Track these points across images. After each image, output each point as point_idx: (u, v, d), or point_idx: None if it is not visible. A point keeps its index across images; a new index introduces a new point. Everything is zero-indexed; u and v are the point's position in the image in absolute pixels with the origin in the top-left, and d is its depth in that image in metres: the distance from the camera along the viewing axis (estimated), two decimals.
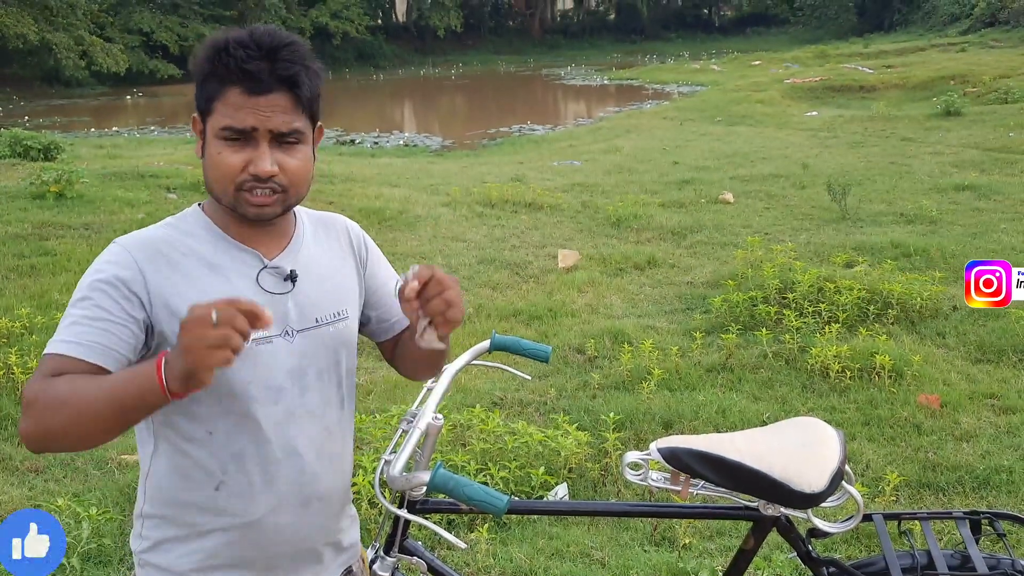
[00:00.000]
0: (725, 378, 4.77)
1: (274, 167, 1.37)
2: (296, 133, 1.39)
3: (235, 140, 1.36)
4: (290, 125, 1.38)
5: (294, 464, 1.47)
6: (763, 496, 1.68)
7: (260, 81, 1.34)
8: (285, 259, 1.49)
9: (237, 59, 1.34)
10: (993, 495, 3.52)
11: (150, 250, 1.40)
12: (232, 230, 1.46)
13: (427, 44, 50.29)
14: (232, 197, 1.39)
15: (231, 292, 1.40)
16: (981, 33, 33.66)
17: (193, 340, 1.13)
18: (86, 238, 7.39)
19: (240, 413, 1.42)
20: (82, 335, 1.31)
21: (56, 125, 22.23)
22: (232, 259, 1.45)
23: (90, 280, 1.37)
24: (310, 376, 1.49)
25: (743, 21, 63.36)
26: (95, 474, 3.83)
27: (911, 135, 14.17)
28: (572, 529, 3.37)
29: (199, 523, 1.45)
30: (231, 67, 1.34)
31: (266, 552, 1.48)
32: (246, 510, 1.45)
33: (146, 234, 1.44)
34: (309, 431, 1.49)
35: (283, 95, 1.36)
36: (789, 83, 23.15)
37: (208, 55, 1.37)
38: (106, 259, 1.39)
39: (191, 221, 1.47)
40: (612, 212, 8.92)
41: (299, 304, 1.48)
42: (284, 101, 1.36)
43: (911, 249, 7.00)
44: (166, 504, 1.46)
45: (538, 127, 20.83)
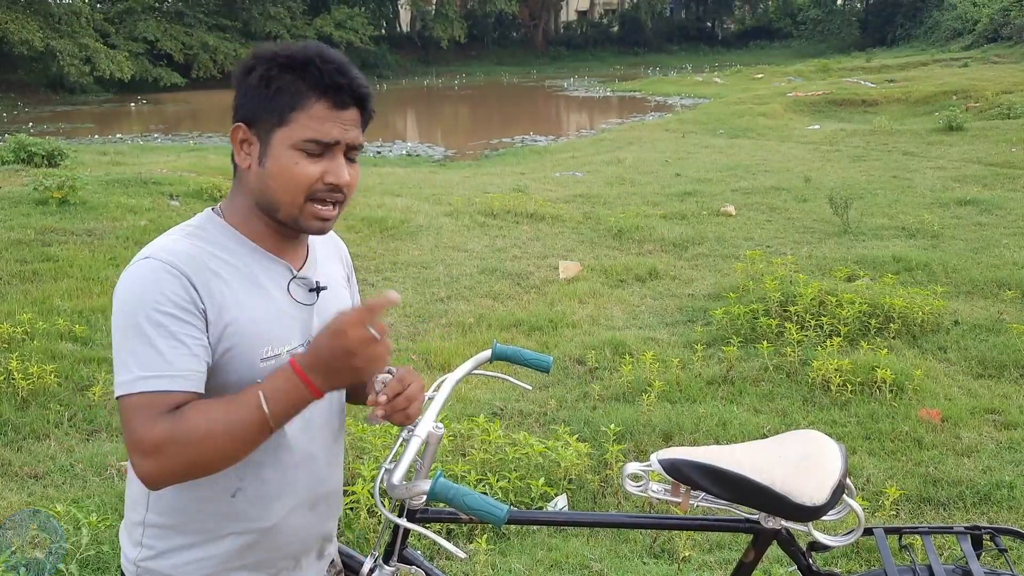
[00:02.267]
0: (726, 390, 4.77)
1: (348, 177, 1.42)
2: (361, 148, 1.47)
3: (315, 152, 1.40)
4: (359, 139, 1.45)
5: (310, 468, 1.51)
6: (764, 508, 1.67)
7: (345, 96, 1.40)
8: (309, 271, 1.52)
9: (328, 73, 1.38)
10: (994, 510, 3.51)
11: (194, 265, 1.36)
12: (266, 242, 1.46)
13: (431, 54, 50.40)
14: (299, 208, 1.41)
15: (269, 304, 1.43)
16: (983, 48, 33.76)
17: (358, 345, 1.27)
18: (88, 244, 7.40)
19: None
20: (176, 366, 1.30)
21: (60, 131, 22.27)
22: (266, 270, 1.45)
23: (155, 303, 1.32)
24: None
25: (746, 34, 63.55)
26: (94, 481, 3.83)
27: (913, 149, 14.19)
28: (571, 541, 3.36)
29: (212, 529, 1.44)
30: (321, 82, 1.38)
31: (277, 555, 1.50)
32: (262, 515, 1.46)
33: (181, 248, 1.39)
34: (322, 436, 1.53)
35: (356, 112, 1.43)
36: (791, 96, 23.19)
37: (286, 67, 1.39)
38: (156, 276, 1.34)
39: (216, 232, 1.44)
40: (614, 223, 8.94)
41: (320, 315, 1.50)
42: (357, 117, 1.44)
43: (913, 263, 7.01)
44: (175, 512, 1.44)
45: (540, 138, 20.86)
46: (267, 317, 1.41)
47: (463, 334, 5.85)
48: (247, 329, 1.38)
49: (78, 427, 4.36)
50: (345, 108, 1.40)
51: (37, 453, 4.07)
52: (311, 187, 1.39)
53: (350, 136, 1.41)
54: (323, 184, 1.40)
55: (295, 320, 1.46)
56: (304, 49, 1.41)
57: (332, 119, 1.39)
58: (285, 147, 1.39)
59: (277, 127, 1.39)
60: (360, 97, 1.42)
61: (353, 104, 1.41)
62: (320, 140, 1.38)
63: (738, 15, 68.58)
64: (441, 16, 50.06)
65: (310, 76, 1.38)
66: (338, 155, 1.41)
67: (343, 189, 1.42)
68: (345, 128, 1.40)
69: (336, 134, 1.39)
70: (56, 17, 33.16)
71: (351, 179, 1.43)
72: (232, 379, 1.38)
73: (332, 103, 1.39)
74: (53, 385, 4.63)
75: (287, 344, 1.43)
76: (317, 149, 1.39)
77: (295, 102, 1.38)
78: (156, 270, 1.34)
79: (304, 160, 1.39)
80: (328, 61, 1.40)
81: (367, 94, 1.43)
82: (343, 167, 1.41)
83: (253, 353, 1.39)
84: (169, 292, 1.32)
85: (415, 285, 6.98)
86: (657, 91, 32.26)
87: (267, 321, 1.41)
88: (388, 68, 46.67)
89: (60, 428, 4.32)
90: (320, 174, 1.39)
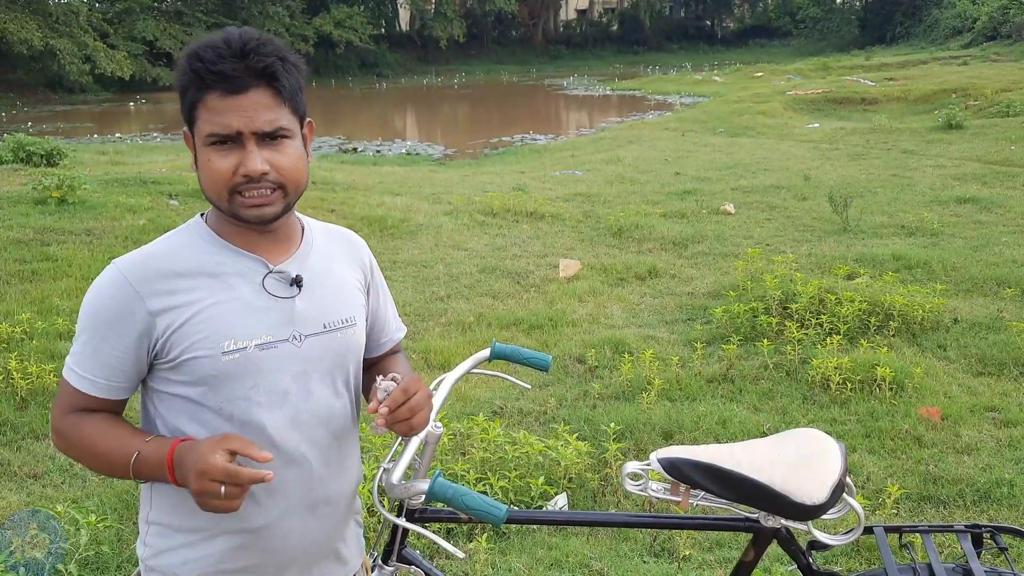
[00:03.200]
0: (726, 389, 4.76)
1: (264, 166, 1.35)
2: (282, 131, 1.37)
3: (223, 144, 1.35)
4: (274, 124, 1.36)
5: (302, 469, 1.48)
6: (764, 507, 1.67)
7: (236, 79, 1.32)
8: (292, 265, 1.49)
9: (207, 61, 1.32)
10: (994, 509, 3.50)
11: (146, 270, 1.40)
12: (236, 239, 1.46)
13: (430, 53, 50.39)
14: (228, 202, 1.38)
15: (233, 297, 1.41)
16: (983, 47, 33.74)
17: (207, 499, 1.29)
18: (88, 244, 7.39)
19: (243, 420, 1.42)
20: (95, 370, 1.42)
21: (59, 131, 22.26)
22: (235, 266, 1.44)
23: (92, 309, 1.42)
24: (315, 380, 1.49)
25: (745, 33, 63.60)
26: (93, 480, 3.82)
27: (912, 148, 14.18)
28: (571, 540, 3.35)
29: (205, 529, 1.45)
30: (203, 71, 1.32)
31: (274, 558, 1.48)
32: (253, 516, 1.45)
33: (142, 253, 1.44)
34: (315, 436, 1.49)
35: (262, 91, 1.34)
36: (791, 95, 23.19)
37: (183, 64, 1.36)
38: (103, 287, 1.42)
39: (192, 232, 1.47)
40: (613, 222, 8.93)
41: (307, 309, 1.48)
42: (264, 98, 1.34)
43: (912, 261, 7.00)
44: (173, 510, 1.45)
45: (540, 137, 20.86)
46: (229, 313, 1.40)
47: (463, 333, 5.84)
48: (207, 325, 1.38)
49: None
50: (241, 92, 1.32)
51: (36, 453, 4.07)
52: (228, 182, 1.35)
53: (257, 123, 1.33)
54: (240, 177, 1.35)
55: (267, 313, 1.43)
56: (199, 41, 1.36)
57: (228, 108, 1.32)
58: (201, 146, 1.37)
59: (192, 126, 1.38)
60: (262, 76, 1.33)
61: (254, 85, 1.32)
62: (218, 133, 1.33)
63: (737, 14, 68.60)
64: (440, 15, 50.06)
65: (195, 70, 1.33)
66: (248, 144, 1.34)
67: (267, 177, 1.36)
68: (247, 115, 1.32)
69: (235, 124, 1.32)
70: (55, 17, 33.12)
71: (276, 166, 1.36)
72: (198, 374, 1.39)
73: (222, 91, 1.31)
74: (52, 385, 4.62)
75: (254, 338, 1.41)
76: (220, 140, 1.34)
77: (194, 98, 1.35)
78: (109, 278, 1.41)
79: (216, 156, 1.35)
80: (213, 48, 1.32)
81: (264, 68, 1.32)
82: (253, 156, 1.33)
83: (215, 347, 1.39)
84: (109, 300, 1.40)
85: (415, 284, 6.98)
86: (657, 90, 32.25)
87: (230, 316, 1.40)
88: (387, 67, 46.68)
89: None
90: (233, 167, 1.35)
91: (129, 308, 1.38)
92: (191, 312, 1.38)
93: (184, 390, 1.41)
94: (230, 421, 1.42)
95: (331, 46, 44.50)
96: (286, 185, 1.39)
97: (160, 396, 1.45)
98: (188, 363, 1.39)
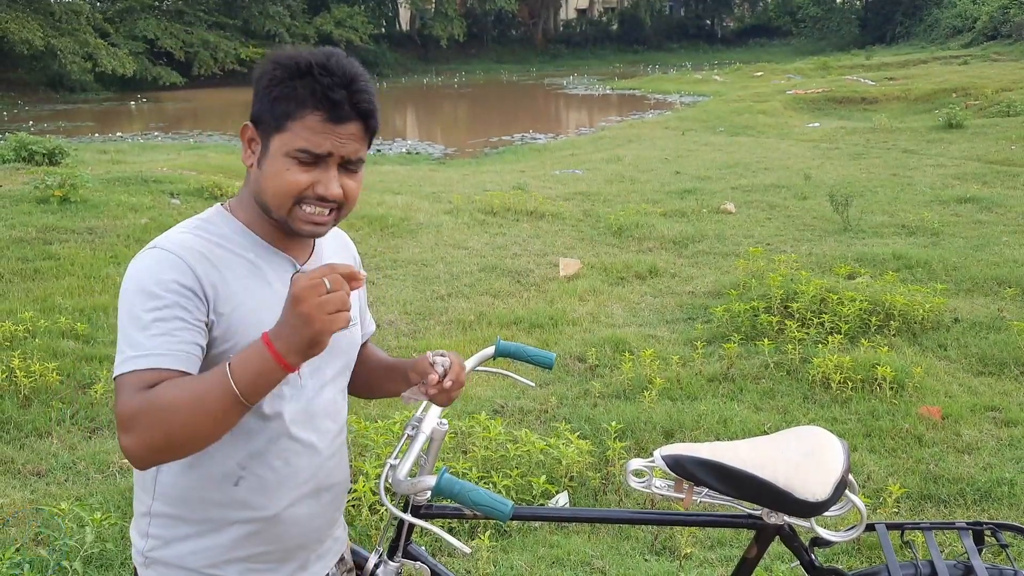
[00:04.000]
0: (726, 388, 4.77)
1: (340, 190, 1.42)
2: (361, 161, 1.45)
3: (306, 162, 1.40)
4: (358, 153, 1.43)
5: (312, 458, 1.52)
6: (767, 504, 1.68)
7: (342, 111, 1.38)
8: (313, 265, 1.54)
9: (323, 86, 1.37)
10: (995, 507, 3.52)
11: (196, 253, 1.40)
12: (268, 236, 1.49)
13: (430, 53, 50.36)
14: (287, 211, 1.42)
15: (271, 295, 1.44)
16: (983, 46, 33.72)
17: (313, 309, 1.19)
18: (90, 242, 7.40)
19: (265, 411, 1.45)
20: (163, 345, 1.31)
21: (60, 130, 22.25)
22: (268, 262, 1.48)
23: (154, 289, 1.34)
24: (328, 376, 1.55)
25: (745, 32, 63.55)
26: (96, 478, 3.84)
27: (913, 147, 14.19)
28: (573, 538, 3.37)
29: (216, 518, 1.46)
30: (316, 93, 1.37)
31: (282, 544, 1.52)
32: (266, 504, 1.47)
33: (184, 238, 1.42)
34: (325, 426, 1.54)
35: (358, 125, 1.41)
36: (791, 94, 23.20)
37: (285, 75, 1.39)
38: (159, 265, 1.37)
39: (223, 225, 1.47)
40: (613, 221, 8.94)
41: None
42: (358, 131, 1.41)
43: (913, 261, 7.01)
44: (180, 502, 1.46)
45: (540, 136, 20.87)
46: (268, 307, 1.42)
47: (463, 332, 5.85)
48: (246, 319, 1.40)
49: (80, 425, 4.37)
50: (342, 122, 1.38)
51: (40, 451, 4.08)
52: (299, 195, 1.40)
53: (346, 150, 1.40)
54: (312, 193, 1.40)
55: None
56: (310, 57, 1.40)
57: (326, 132, 1.38)
58: (280, 153, 1.40)
59: (275, 132, 1.40)
60: (361, 113, 1.40)
61: (353, 118, 1.40)
62: (311, 151, 1.38)
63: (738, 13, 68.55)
64: (441, 14, 50.03)
65: (307, 87, 1.38)
66: (331, 167, 1.40)
67: (335, 199, 1.42)
68: (341, 142, 1.39)
69: (328, 147, 1.38)
70: (57, 16, 33.13)
71: (346, 192, 1.43)
72: None
73: (327, 116, 1.37)
74: (55, 383, 4.64)
75: None
76: (309, 159, 1.39)
77: (291, 111, 1.38)
78: (158, 258, 1.37)
79: (295, 168, 1.39)
80: (329, 73, 1.38)
81: (368, 110, 1.41)
82: (334, 180, 1.40)
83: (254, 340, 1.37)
84: (168, 277, 1.35)
85: (415, 283, 6.99)
86: (657, 89, 32.24)
87: (268, 311, 1.41)
88: (388, 66, 46.62)
89: (62, 426, 4.33)
90: (309, 183, 1.40)
91: (193, 282, 1.36)
92: (236, 302, 1.40)
93: None
94: (254, 412, 1.43)
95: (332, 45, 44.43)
96: (343, 208, 1.46)
97: None
98: (226, 353, 1.39)
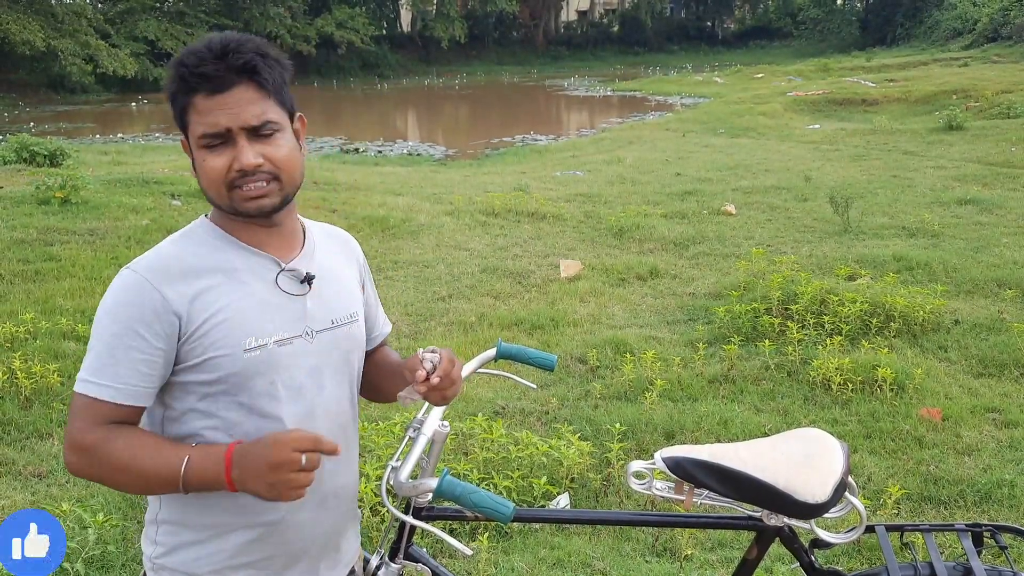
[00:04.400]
0: (727, 389, 4.78)
1: (258, 159, 1.39)
2: (270, 124, 1.41)
3: (215, 145, 1.39)
4: (261, 117, 1.40)
5: None
6: (767, 506, 1.69)
7: (217, 78, 1.36)
8: (301, 262, 1.53)
9: (190, 66, 1.37)
10: (995, 509, 3.52)
11: (162, 271, 1.41)
12: (245, 237, 1.48)
13: (431, 54, 50.41)
14: (227, 198, 1.42)
15: (249, 295, 1.44)
16: (983, 48, 33.75)
17: (281, 483, 1.29)
18: (91, 244, 7.41)
19: (263, 414, 1.44)
20: (121, 377, 1.38)
21: (61, 131, 22.28)
22: (247, 263, 1.47)
23: (113, 314, 1.40)
24: (326, 375, 1.53)
25: (746, 34, 63.59)
26: None
27: (913, 149, 14.19)
28: (573, 539, 3.37)
29: (220, 524, 1.46)
30: (187, 75, 1.37)
31: (286, 550, 1.51)
32: (268, 509, 1.47)
33: (155, 255, 1.45)
34: (326, 429, 1.52)
35: (246, 88, 1.38)
36: (792, 96, 23.21)
37: (170, 72, 1.41)
38: (123, 290, 1.41)
39: (200, 233, 1.49)
40: (614, 222, 8.94)
41: (317, 306, 1.52)
42: (249, 93, 1.39)
43: (913, 262, 7.02)
44: (184, 508, 1.47)
45: (541, 137, 20.88)
46: (248, 310, 1.43)
47: (464, 333, 5.86)
48: (228, 322, 1.41)
49: None
50: (224, 90, 1.37)
51: (41, 452, 4.09)
52: (225, 179, 1.40)
53: (244, 116, 1.37)
54: (234, 172, 1.39)
55: (283, 311, 1.47)
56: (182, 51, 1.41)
57: (215, 107, 1.37)
58: (196, 148, 1.42)
59: (187, 132, 1.43)
60: (242, 70, 1.37)
61: (236, 81, 1.37)
62: (208, 132, 1.38)
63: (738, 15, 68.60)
64: (442, 16, 50.06)
65: (181, 76, 1.38)
66: (239, 140, 1.38)
67: (261, 168, 1.40)
68: (232, 112, 1.37)
69: (223, 121, 1.37)
70: (58, 17, 33.16)
71: (269, 157, 1.40)
72: (219, 372, 1.41)
73: (207, 91, 1.37)
74: (56, 384, 4.64)
75: (274, 334, 1.45)
76: (215, 142, 1.39)
77: (183, 104, 1.40)
78: (127, 285, 1.40)
79: (210, 156, 1.40)
80: (194, 52, 1.38)
81: (244, 64, 1.37)
82: (244, 150, 1.38)
83: (236, 345, 1.41)
84: (131, 304, 1.38)
85: (416, 284, 6.99)
86: (657, 91, 32.27)
87: (249, 313, 1.43)
88: (389, 68, 46.71)
89: (63, 427, 4.32)
90: (228, 164, 1.39)
91: (154, 309, 1.38)
92: (212, 310, 1.40)
93: (202, 388, 1.42)
94: (250, 417, 1.44)
95: (333, 47, 44.52)
96: (281, 176, 1.43)
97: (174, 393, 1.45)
98: (209, 361, 1.40)
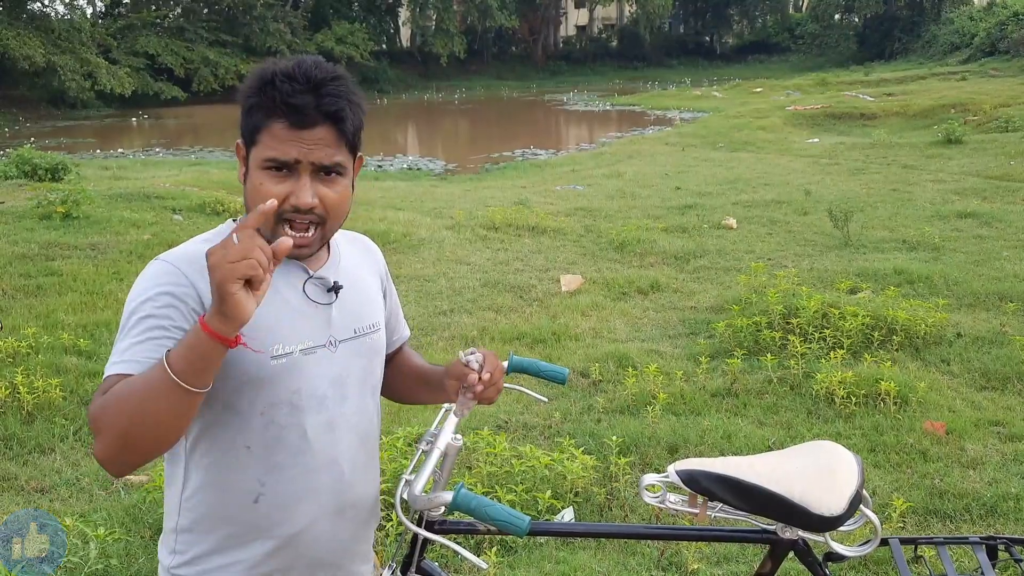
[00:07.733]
0: (730, 403, 4.77)
1: (315, 200, 1.39)
2: (338, 167, 1.41)
3: (278, 171, 1.38)
4: (332, 159, 1.39)
5: (333, 473, 1.50)
6: (782, 519, 1.68)
7: (305, 115, 1.36)
8: (327, 272, 1.53)
9: (283, 93, 1.35)
10: (1001, 522, 3.51)
11: (195, 264, 1.39)
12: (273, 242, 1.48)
13: (431, 69, 50.57)
14: (271, 229, 1.39)
15: (280, 304, 1.43)
16: (981, 62, 33.90)
17: (217, 260, 1.16)
18: (92, 258, 7.41)
19: (283, 424, 1.44)
20: (138, 353, 1.32)
21: (62, 146, 22.33)
22: (278, 271, 1.45)
23: (143, 299, 1.36)
24: (349, 385, 1.52)
25: (744, 49, 63.86)
26: (100, 494, 3.83)
27: (912, 162, 14.23)
28: (579, 553, 3.35)
29: (239, 535, 1.46)
30: (276, 101, 1.35)
31: (305, 560, 1.51)
32: (287, 520, 1.47)
33: (187, 249, 1.44)
34: (347, 439, 1.52)
35: (327, 129, 1.38)
36: (790, 110, 23.29)
37: (254, 86, 1.39)
38: (155, 275, 1.39)
39: None
40: (615, 236, 8.95)
41: (341, 315, 1.52)
42: (328, 135, 1.38)
43: (914, 276, 7.02)
44: (203, 518, 1.46)
45: (541, 152, 20.93)
46: (276, 316, 1.42)
47: (466, 347, 5.84)
48: (255, 326, 1.37)
49: (84, 441, 4.36)
50: (307, 127, 1.36)
51: (43, 467, 4.07)
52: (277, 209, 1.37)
53: (315, 156, 1.36)
54: (288, 206, 1.38)
55: (310, 319, 1.47)
56: (276, 66, 1.39)
57: (292, 139, 1.36)
58: (256, 167, 1.39)
59: (251, 146, 1.41)
60: (330, 116, 1.37)
61: (321, 122, 1.36)
62: (278, 159, 1.36)
63: (736, 30, 68.92)
64: (441, 31, 50.25)
65: (268, 95, 1.36)
66: (303, 176, 1.37)
67: (314, 210, 1.39)
68: (308, 148, 1.36)
69: (295, 154, 1.36)
70: (57, 33, 33.30)
71: (323, 200, 1.39)
72: (245, 378, 1.40)
73: (291, 122, 1.35)
74: (58, 399, 4.64)
75: (300, 343, 1.44)
76: (279, 169, 1.37)
77: (260, 122, 1.38)
78: (158, 268, 1.39)
79: (268, 180, 1.37)
80: (291, 79, 1.36)
81: (335, 111, 1.37)
82: (306, 188, 1.37)
83: (263, 350, 1.40)
84: (159, 288, 1.36)
85: (417, 298, 6.99)
86: (656, 105, 32.37)
87: (276, 319, 1.42)
88: (388, 83, 46.82)
89: (65, 442, 4.32)
90: (284, 195, 1.37)
91: (185, 294, 1.36)
92: None
93: (223, 393, 1.39)
94: (267, 429, 1.43)
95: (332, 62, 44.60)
96: (327, 221, 1.43)
97: None
98: (234, 364, 1.37)
